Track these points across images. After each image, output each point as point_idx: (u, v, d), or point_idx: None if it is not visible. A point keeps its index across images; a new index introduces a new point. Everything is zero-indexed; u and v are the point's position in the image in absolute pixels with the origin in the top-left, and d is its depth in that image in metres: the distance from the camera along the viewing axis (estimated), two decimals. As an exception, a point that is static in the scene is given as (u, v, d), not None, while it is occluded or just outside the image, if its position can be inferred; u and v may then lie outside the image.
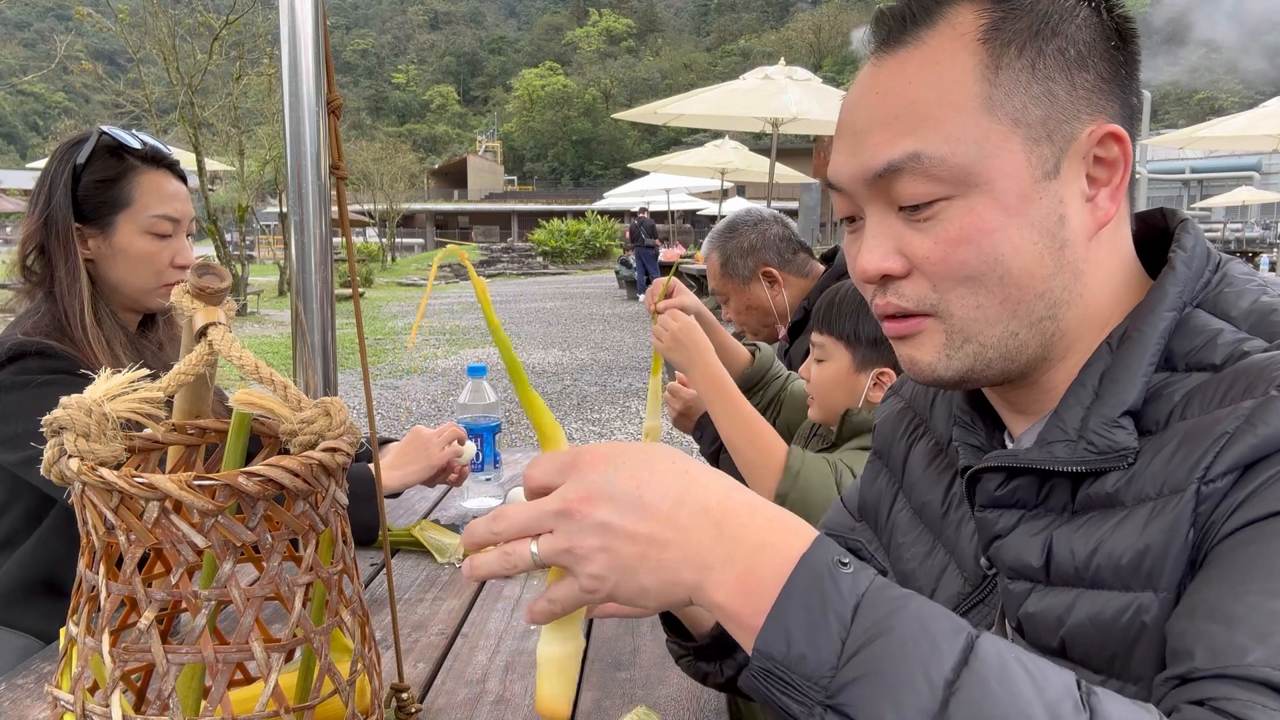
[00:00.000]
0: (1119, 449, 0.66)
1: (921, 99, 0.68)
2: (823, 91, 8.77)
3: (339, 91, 0.98)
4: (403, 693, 1.01)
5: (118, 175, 1.56)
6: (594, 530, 0.57)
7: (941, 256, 0.68)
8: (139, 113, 16.58)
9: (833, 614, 0.50)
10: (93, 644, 0.69)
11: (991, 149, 0.67)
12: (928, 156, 0.67)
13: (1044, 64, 0.67)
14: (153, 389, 0.73)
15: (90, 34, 30.20)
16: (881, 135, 0.69)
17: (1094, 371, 0.70)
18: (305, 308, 0.98)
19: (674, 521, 0.56)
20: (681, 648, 0.91)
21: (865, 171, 0.70)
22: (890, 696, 0.47)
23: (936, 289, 0.70)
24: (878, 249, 0.71)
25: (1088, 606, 0.65)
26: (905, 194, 0.68)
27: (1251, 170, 33.09)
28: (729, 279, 2.33)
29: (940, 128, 0.67)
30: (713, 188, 19.36)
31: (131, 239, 1.56)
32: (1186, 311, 0.69)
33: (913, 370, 0.74)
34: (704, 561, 0.55)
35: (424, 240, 45.39)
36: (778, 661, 0.51)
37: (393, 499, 1.89)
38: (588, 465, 0.59)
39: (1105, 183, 0.70)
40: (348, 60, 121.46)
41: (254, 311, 15.16)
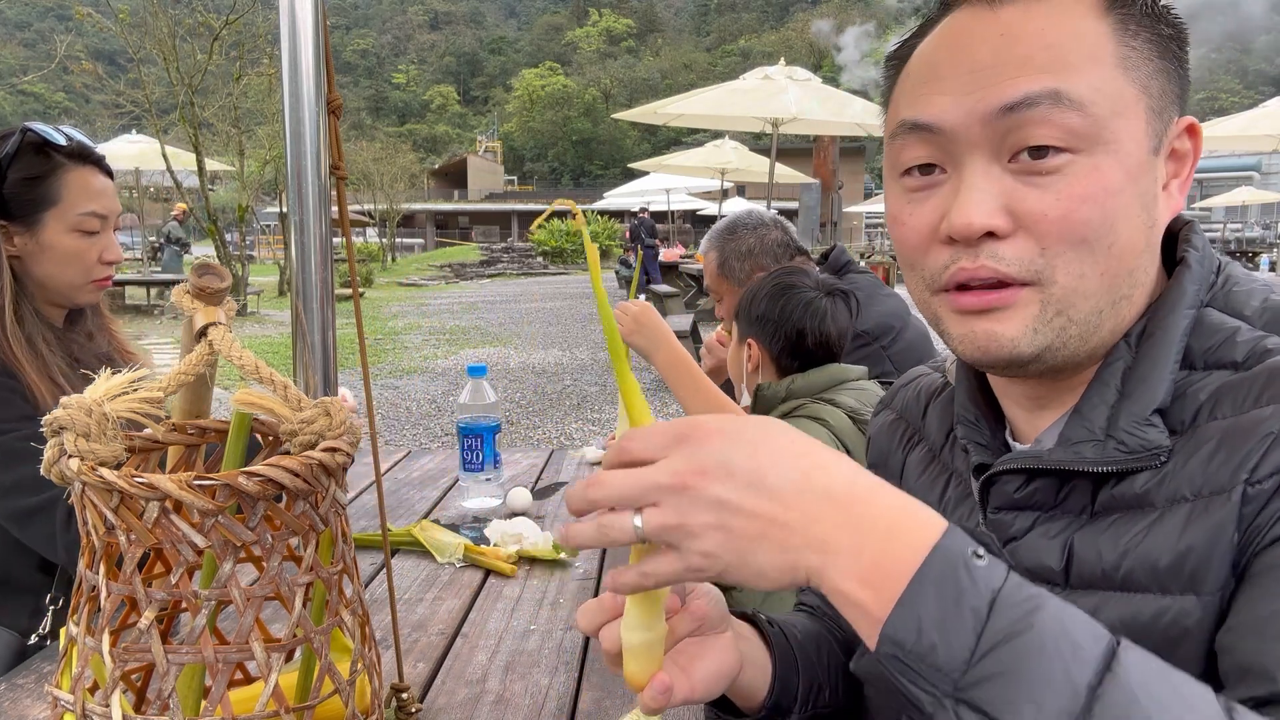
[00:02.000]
0: (1151, 448, 0.65)
1: (1059, 44, 0.64)
2: (823, 91, 8.77)
3: (339, 91, 0.98)
4: (403, 693, 1.01)
5: (44, 173, 1.54)
6: (710, 506, 0.53)
7: (1063, 214, 0.64)
8: (139, 113, 16.59)
9: (968, 607, 0.48)
10: (93, 644, 0.69)
11: (1123, 108, 0.65)
12: (1068, 98, 0.63)
13: (1159, 44, 0.67)
14: (153, 389, 0.73)
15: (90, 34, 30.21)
16: (1016, 70, 0.64)
17: (1115, 369, 0.68)
18: (305, 308, 0.98)
19: (797, 504, 0.53)
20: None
21: (992, 105, 0.64)
22: (1031, 696, 0.45)
23: (1045, 253, 0.65)
24: (985, 202, 0.65)
25: (1118, 610, 0.63)
26: (1036, 134, 0.64)
27: (1251, 170, 33.10)
28: (725, 280, 2.39)
29: (1081, 75, 0.64)
30: (713, 188, 19.36)
31: (59, 236, 1.55)
32: (1200, 311, 0.69)
33: (988, 345, 0.68)
34: (831, 547, 0.52)
35: (424, 240, 45.41)
36: (907, 650, 0.48)
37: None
38: (702, 437, 0.55)
39: (1175, 175, 0.70)
40: (348, 60, 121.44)
41: (254, 311, 15.16)
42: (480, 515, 1.86)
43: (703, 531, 0.53)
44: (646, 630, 0.63)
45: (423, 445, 6.20)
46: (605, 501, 0.56)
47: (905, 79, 0.73)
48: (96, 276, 1.60)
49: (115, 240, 1.63)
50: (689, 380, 1.70)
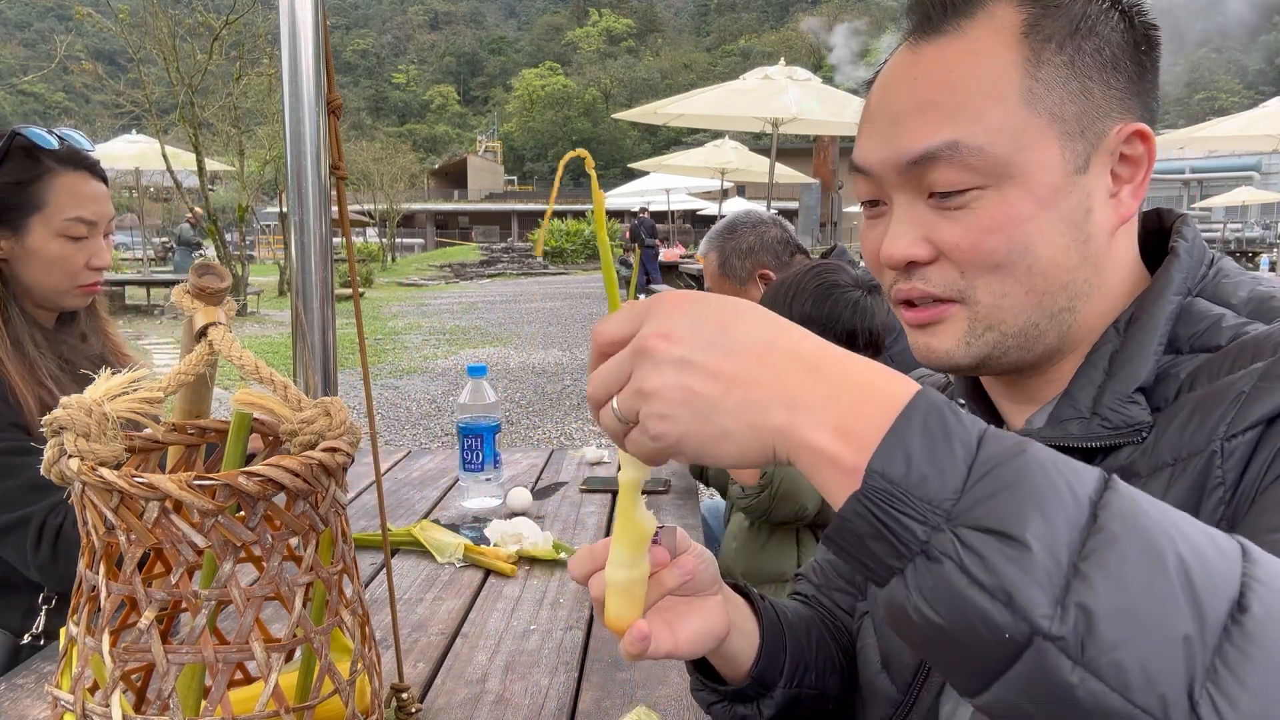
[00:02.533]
0: (1133, 424, 0.68)
1: (962, 87, 0.68)
2: (823, 91, 8.77)
3: (339, 91, 0.98)
4: (403, 693, 1.01)
5: (32, 177, 1.52)
6: (671, 365, 0.51)
7: (972, 244, 0.69)
8: (139, 113, 16.60)
9: (957, 440, 0.46)
10: (93, 644, 0.69)
11: (1028, 141, 0.68)
12: (966, 146, 0.67)
13: (1081, 62, 0.69)
14: (153, 389, 0.73)
15: (90, 34, 30.21)
16: (919, 121, 0.69)
17: (1103, 353, 0.71)
18: (305, 308, 0.98)
19: (765, 361, 0.51)
20: (715, 693, 0.87)
21: (899, 158, 0.70)
22: (1035, 503, 0.43)
23: (964, 276, 0.71)
24: (905, 235, 0.71)
25: None
26: (940, 182, 0.69)
27: (1251, 170, 33.10)
28: (726, 279, 2.36)
29: (980, 117, 0.68)
30: (713, 188, 19.36)
31: (45, 241, 1.53)
32: (1188, 300, 0.72)
33: (928, 357, 0.75)
34: (800, 401, 0.50)
35: (424, 240, 45.40)
36: (895, 482, 0.46)
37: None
38: (668, 305, 0.53)
39: (1128, 180, 0.71)
40: (348, 60, 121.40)
41: (254, 311, 15.16)
42: (480, 515, 1.86)
43: (663, 391, 0.51)
44: (629, 568, 0.64)
45: (423, 445, 6.20)
46: (593, 400, 0.56)
47: (865, 105, 0.78)
48: (83, 282, 1.58)
49: (104, 246, 1.60)
50: None
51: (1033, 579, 0.42)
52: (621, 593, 0.64)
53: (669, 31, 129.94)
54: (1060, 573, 0.42)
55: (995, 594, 0.42)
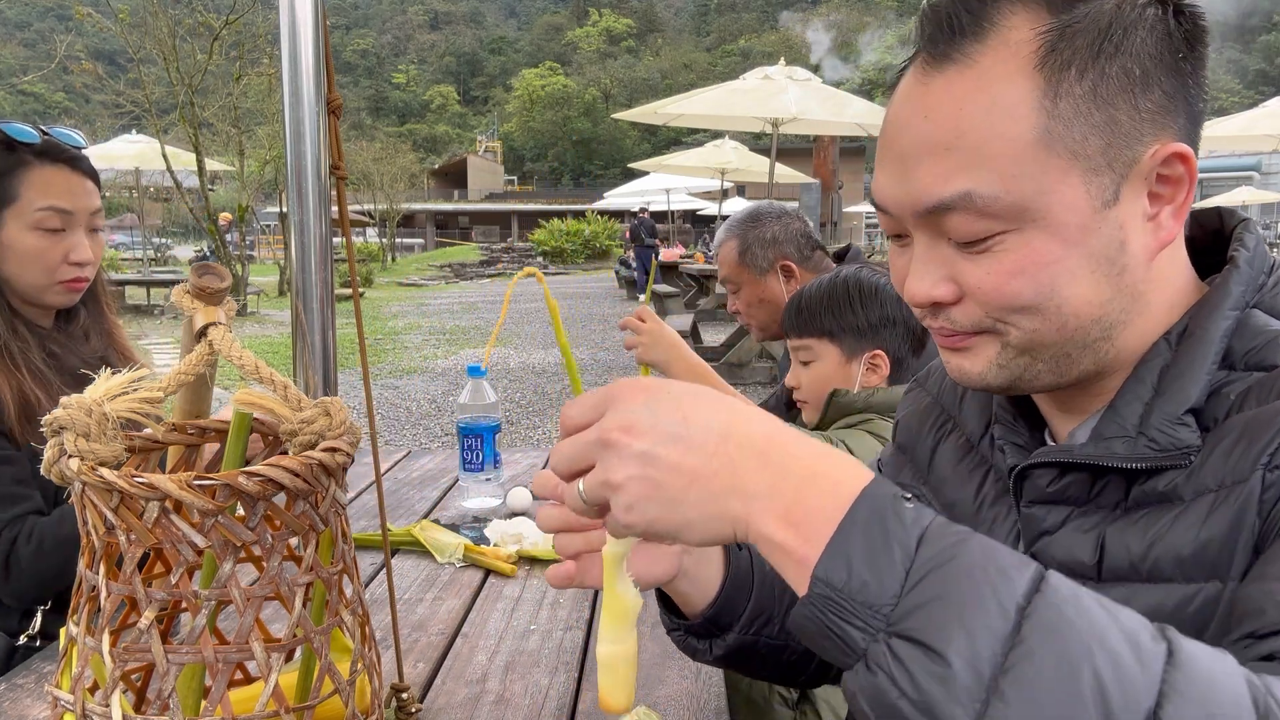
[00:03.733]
0: (1182, 447, 0.65)
1: (973, 130, 0.64)
2: (823, 91, 8.78)
3: (339, 91, 0.98)
4: (403, 693, 1.01)
5: (5, 170, 1.49)
6: (634, 460, 0.54)
7: (995, 287, 0.66)
8: (139, 113, 16.59)
9: (896, 544, 0.48)
10: (93, 644, 0.69)
11: (1049, 184, 0.64)
12: (980, 196, 0.64)
13: (1106, 88, 0.64)
14: (153, 389, 0.73)
15: (90, 34, 30.21)
16: (931, 168, 0.66)
17: (1152, 368, 0.68)
18: (305, 308, 0.98)
19: (720, 453, 0.54)
20: (673, 622, 0.90)
21: (914, 205, 0.68)
22: (961, 619, 0.45)
23: (989, 315, 0.69)
24: (927, 276, 0.69)
25: (1145, 599, 0.64)
26: (957, 231, 0.66)
27: (1251, 170, 33.09)
28: (746, 269, 2.27)
29: (994, 164, 0.64)
30: (713, 188, 19.36)
31: (18, 235, 1.50)
32: (1245, 312, 0.68)
33: (961, 378, 0.73)
34: (751, 491, 0.53)
35: (424, 240, 45.41)
36: (838, 589, 0.49)
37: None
38: (628, 395, 0.56)
39: (1169, 200, 0.67)
40: (348, 60, 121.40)
41: (254, 311, 15.16)
42: (480, 515, 1.86)
43: (629, 484, 0.55)
44: (615, 643, 0.65)
45: (423, 445, 6.20)
46: (558, 471, 0.59)
47: (882, 126, 0.74)
48: (63, 278, 1.53)
49: (85, 240, 1.55)
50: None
51: (953, 697, 0.44)
52: (611, 669, 0.65)
53: (669, 31, 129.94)
54: (981, 689, 0.44)
55: (920, 708, 0.45)
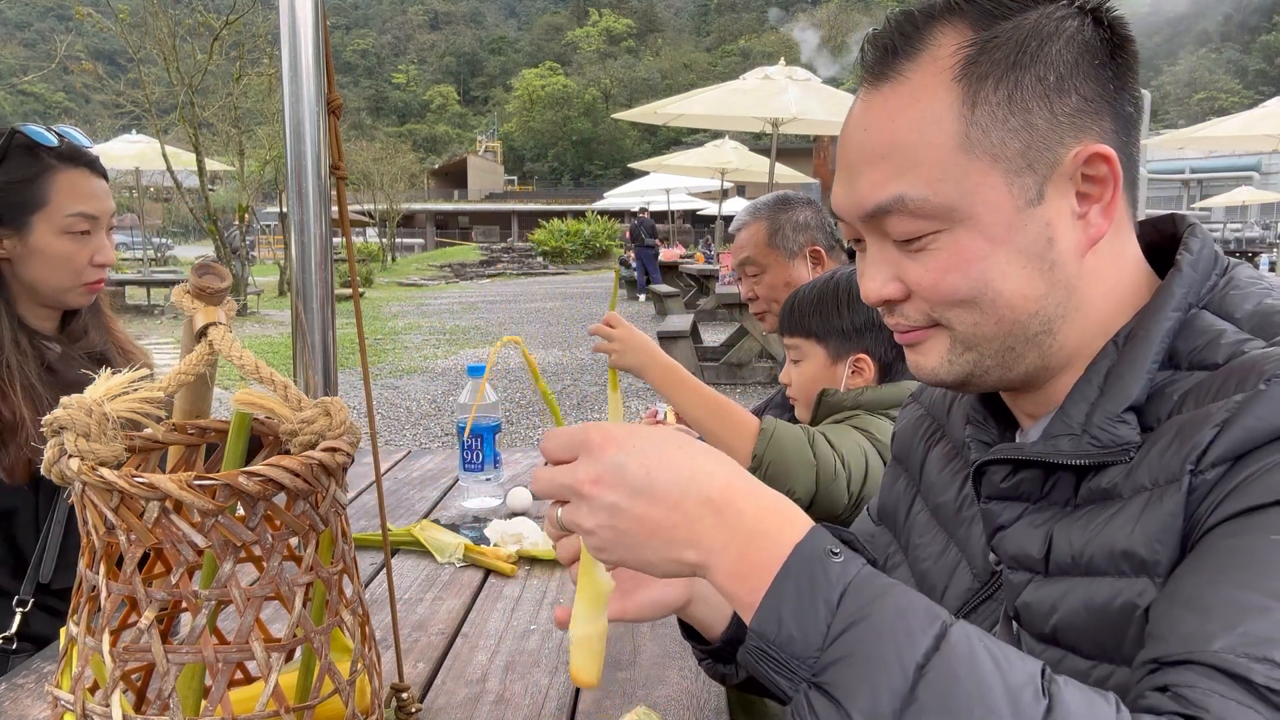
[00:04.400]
0: (1121, 443, 0.68)
1: (904, 140, 0.70)
2: (823, 91, 8.78)
3: (339, 91, 0.98)
4: (403, 693, 1.01)
5: (33, 175, 1.52)
6: (603, 510, 0.60)
7: (932, 284, 0.72)
8: (139, 113, 16.60)
9: (821, 599, 0.54)
10: (93, 644, 0.69)
11: (972, 186, 0.69)
12: (911, 199, 0.70)
13: (1021, 95, 0.69)
14: (153, 389, 0.73)
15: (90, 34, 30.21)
16: (869, 176, 0.72)
17: (1100, 369, 0.71)
18: (305, 308, 0.98)
19: (680, 507, 0.59)
20: (700, 650, 0.94)
21: (858, 209, 0.74)
22: (867, 677, 0.51)
23: (934, 310, 0.74)
24: (877, 276, 0.75)
25: (1081, 593, 0.67)
26: (895, 231, 0.72)
27: (1251, 170, 33.09)
28: (775, 250, 2.21)
29: (921, 170, 0.70)
30: (713, 188, 19.36)
31: (48, 239, 1.53)
32: (1192, 313, 0.71)
33: (919, 373, 0.78)
34: (705, 546, 0.59)
35: (424, 240, 45.40)
36: (769, 641, 0.54)
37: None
38: (600, 446, 0.61)
39: (1096, 199, 0.71)
40: (348, 60, 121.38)
41: (254, 311, 15.16)
42: (480, 515, 1.86)
43: (597, 530, 0.61)
44: (589, 623, 0.71)
45: (423, 445, 6.20)
46: (540, 493, 0.65)
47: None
48: (88, 279, 1.58)
49: (107, 242, 1.60)
50: (688, 390, 1.63)
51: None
52: (582, 647, 0.71)
53: (669, 31, 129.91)
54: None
55: None
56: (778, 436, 1.49)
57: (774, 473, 1.47)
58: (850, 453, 1.50)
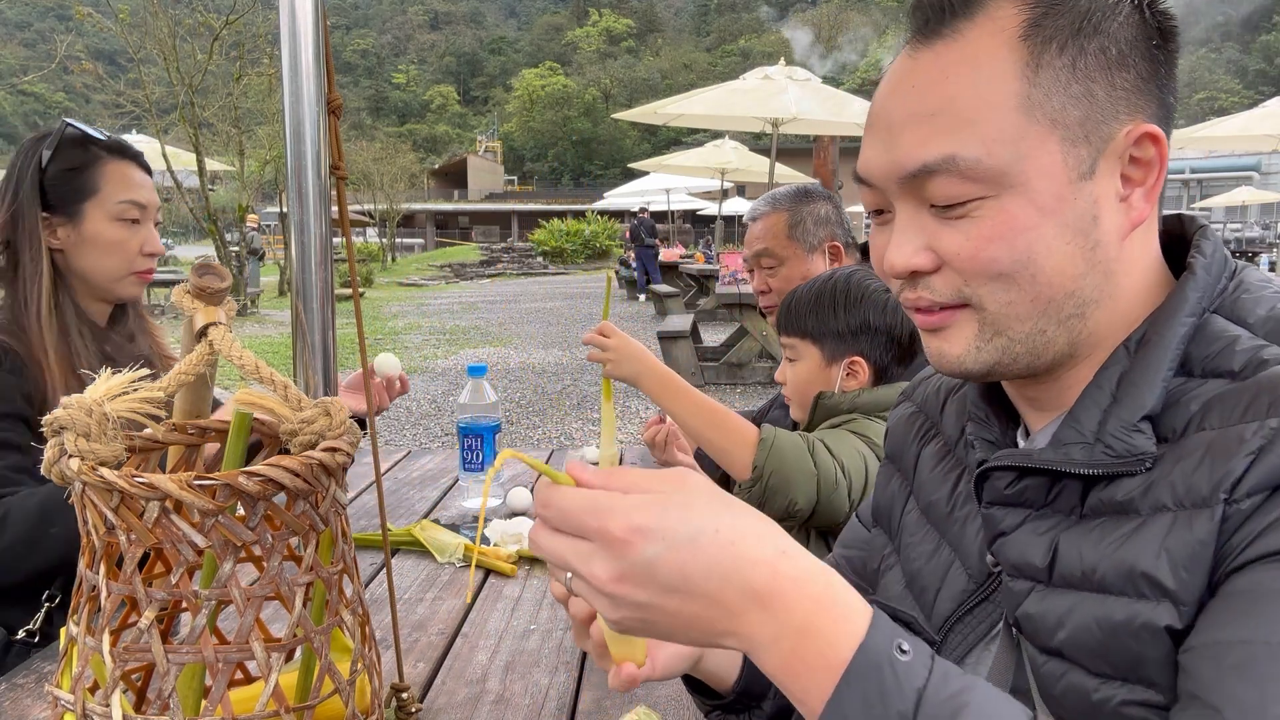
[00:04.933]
0: (1137, 453, 0.65)
1: (959, 96, 0.67)
2: (822, 91, 8.79)
3: (339, 91, 0.98)
4: (403, 693, 1.01)
5: (84, 164, 1.59)
6: (630, 607, 0.55)
7: (972, 253, 0.68)
8: (139, 113, 16.59)
9: (894, 711, 0.50)
10: (93, 644, 0.69)
11: (1028, 150, 0.66)
12: (963, 159, 0.66)
13: (1085, 63, 0.66)
14: (153, 389, 0.73)
15: (90, 34, 30.19)
16: (917, 133, 0.68)
17: (1111, 374, 0.69)
18: (305, 308, 0.98)
19: (721, 602, 0.55)
20: (708, 704, 0.90)
21: (898, 170, 0.69)
22: None
23: (968, 284, 0.70)
24: (907, 244, 0.71)
25: (1093, 610, 0.65)
26: (939, 194, 0.68)
27: (1251, 170, 33.11)
28: (794, 244, 2.14)
29: (977, 128, 0.66)
30: (713, 188, 19.36)
31: (101, 226, 1.59)
32: (1205, 317, 0.69)
33: (941, 362, 0.74)
34: (751, 638, 0.55)
35: (424, 240, 45.40)
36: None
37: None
38: (621, 544, 0.54)
39: (1140, 183, 0.69)
40: (348, 60, 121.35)
41: (254, 311, 15.16)
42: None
43: (624, 622, 0.56)
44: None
45: (423, 445, 6.20)
46: (547, 558, 0.58)
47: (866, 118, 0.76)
48: (138, 268, 1.64)
49: (155, 233, 1.67)
50: (685, 399, 1.60)
51: None
52: (623, 642, 0.66)
53: (669, 31, 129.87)
54: None
55: None
56: (778, 446, 1.47)
57: (774, 483, 1.46)
58: (850, 460, 1.49)
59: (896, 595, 0.88)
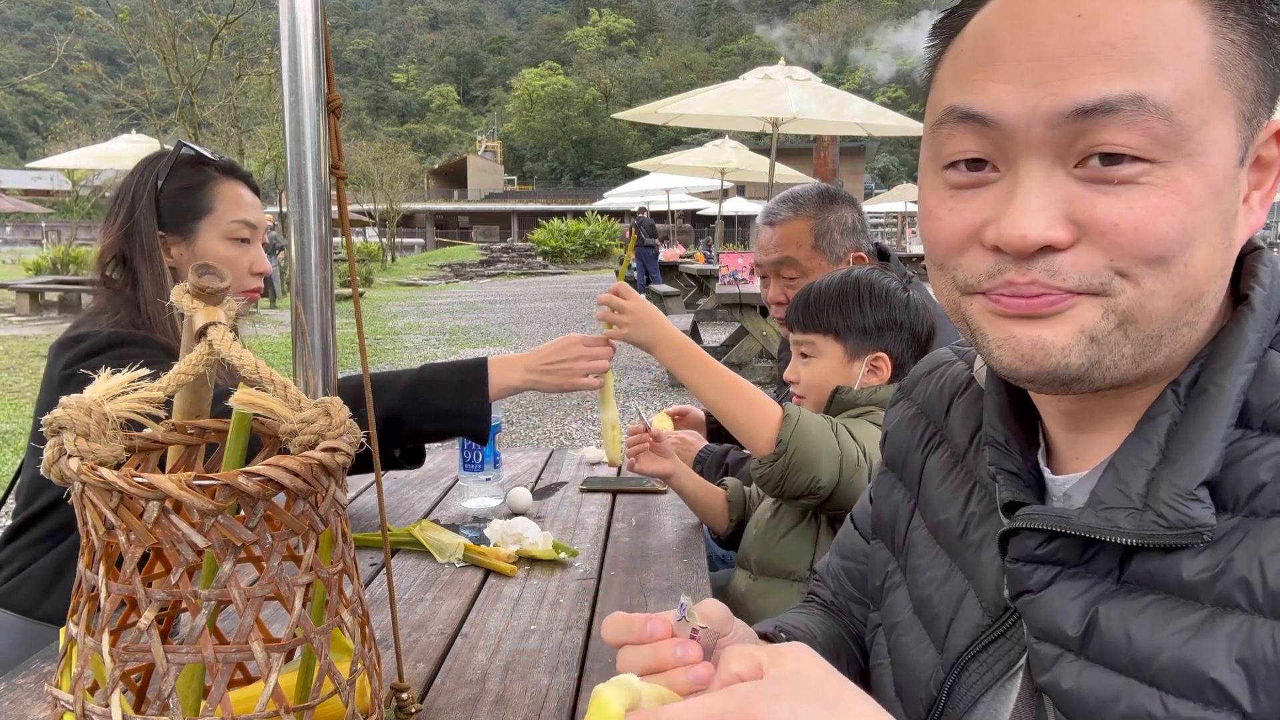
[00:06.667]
0: (1194, 525, 0.57)
1: (1145, 34, 0.55)
2: (822, 91, 8.78)
3: (339, 91, 0.98)
4: (403, 693, 1.01)
5: (199, 184, 1.63)
6: None
7: (1137, 225, 0.56)
8: (139, 113, 16.61)
9: None
10: (93, 644, 0.69)
11: (1213, 115, 0.55)
12: (1153, 103, 0.54)
13: (1264, 34, 0.57)
14: (153, 389, 0.73)
15: (90, 34, 30.19)
16: (1092, 65, 0.55)
17: (1158, 426, 0.60)
18: (305, 308, 0.98)
19: None
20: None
21: (1061, 106, 0.56)
22: None
23: (1112, 264, 0.57)
24: (1043, 211, 0.57)
25: (1147, 704, 0.58)
26: (1113, 141, 0.55)
27: (1251, 170, 33.06)
28: (820, 255, 2.00)
29: (1169, 73, 0.54)
30: (713, 188, 19.36)
31: (214, 244, 1.63)
32: (1264, 356, 0.60)
33: (1033, 352, 0.60)
34: None
35: (424, 240, 45.41)
36: None
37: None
38: None
39: (1258, 185, 0.60)
40: (348, 60, 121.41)
41: (254, 311, 15.16)
42: (480, 515, 1.86)
43: None
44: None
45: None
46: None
47: (956, 55, 0.62)
48: (247, 287, 1.67)
49: (263, 253, 1.70)
50: (702, 369, 1.54)
51: None
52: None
53: (669, 31, 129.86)
54: None
55: None
56: (803, 424, 1.46)
57: (798, 460, 1.44)
58: (871, 445, 1.48)
59: (905, 621, 0.82)
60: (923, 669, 0.78)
